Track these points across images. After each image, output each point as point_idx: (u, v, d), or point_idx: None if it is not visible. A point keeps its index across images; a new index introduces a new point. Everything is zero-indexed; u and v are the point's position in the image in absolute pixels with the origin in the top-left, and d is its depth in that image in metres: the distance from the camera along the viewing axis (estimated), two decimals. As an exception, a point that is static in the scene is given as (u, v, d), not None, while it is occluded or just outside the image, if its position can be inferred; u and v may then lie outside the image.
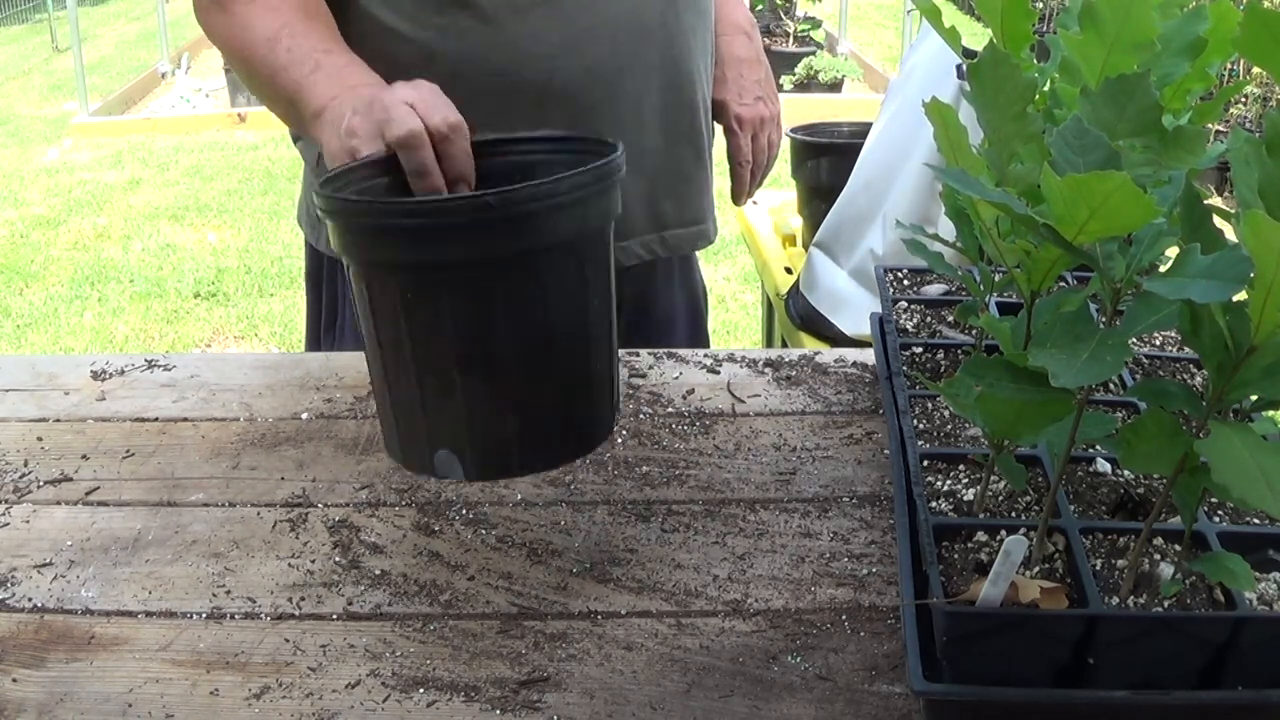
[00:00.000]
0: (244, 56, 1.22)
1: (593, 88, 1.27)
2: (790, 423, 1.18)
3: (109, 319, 4.39)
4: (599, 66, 1.27)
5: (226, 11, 1.23)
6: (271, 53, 1.18)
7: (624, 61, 1.28)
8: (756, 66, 1.48)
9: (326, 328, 1.46)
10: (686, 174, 1.39)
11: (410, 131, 0.98)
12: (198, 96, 7.71)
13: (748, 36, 1.50)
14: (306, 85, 1.14)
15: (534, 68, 1.25)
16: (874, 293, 1.56)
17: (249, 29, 1.21)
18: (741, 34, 1.49)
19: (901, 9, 7.88)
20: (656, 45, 1.30)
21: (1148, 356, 1.09)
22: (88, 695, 0.82)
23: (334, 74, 1.14)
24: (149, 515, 1.03)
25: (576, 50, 1.25)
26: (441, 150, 0.99)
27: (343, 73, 1.14)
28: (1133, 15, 0.74)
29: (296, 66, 1.16)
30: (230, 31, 1.23)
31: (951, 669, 0.74)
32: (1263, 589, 0.76)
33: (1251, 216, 0.55)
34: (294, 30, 1.19)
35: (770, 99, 1.48)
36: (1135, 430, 0.70)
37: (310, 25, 1.20)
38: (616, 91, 1.29)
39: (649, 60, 1.30)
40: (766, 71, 1.50)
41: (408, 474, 1.08)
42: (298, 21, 1.20)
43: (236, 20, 1.22)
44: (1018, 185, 0.74)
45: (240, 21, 1.22)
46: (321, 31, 1.21)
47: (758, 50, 1.50)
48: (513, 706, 0.81)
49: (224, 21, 1.23)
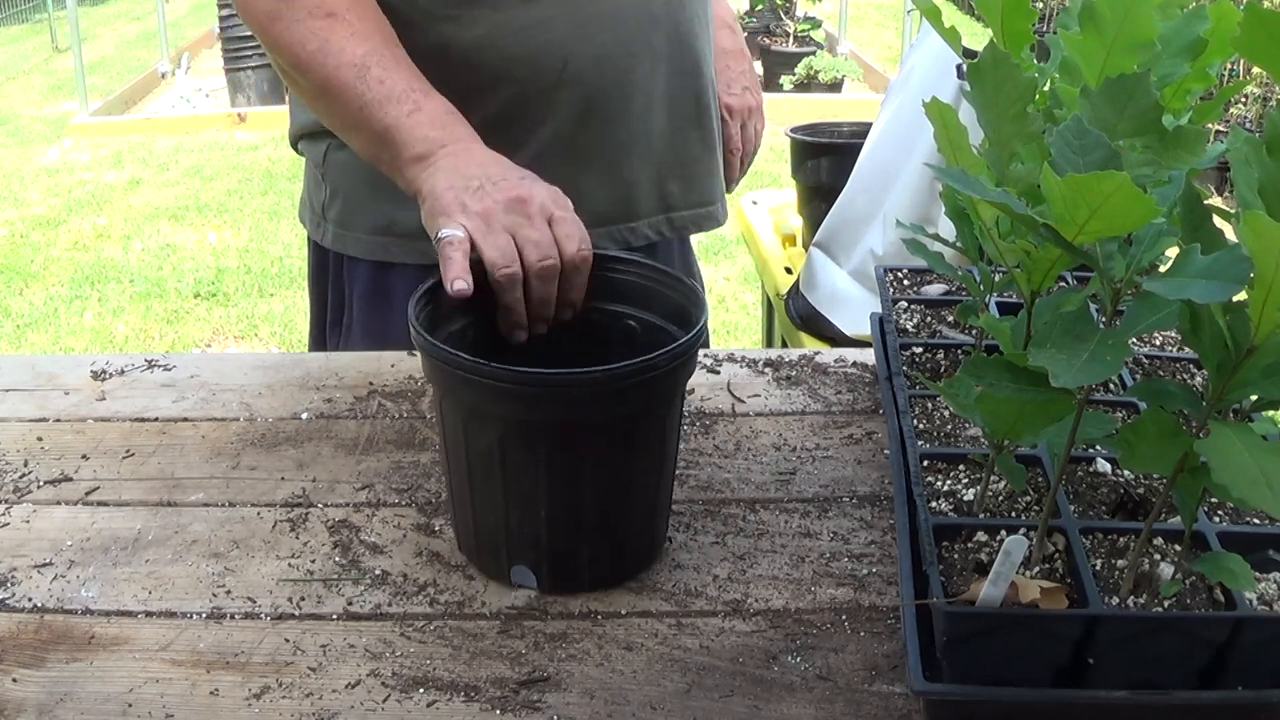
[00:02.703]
0: (323, 77, 1.16)
1: (603, 74, 1.28)
2: (790, 423, 1.18)
3: (109, 319, 4.39)
4: (610, 52, 1.28)
5: (300, 25, 1.16)
6: (361, 80, 1.13)
7: (634, 47, 1.29)
8: (742, 58, 1.55)
9: (332, 325, 1.46)
10: (694, 156, 1.41)
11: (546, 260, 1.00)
12: (198, 96, 7.71)
13: (732, 30, 1.56)
14: (408, 126, 1.12)
15: (546, 55, 1.26)
16: (874, 293, 1.56)
17: (330, 50, 1.15)
18: (726, 28, 1.55)
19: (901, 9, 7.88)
20: (664, 30, 1.32)
21: (1148, 356, 1.09)
22: (88, 695, 0.82)
23: (438, 120, 1.13)
24: (149, 515, 1.03)
25: (587, 37, 1.26)
26: (566, 280, 1.02)
27: (447, 121, 1.13)
28: (1133, 15, 0.74)
29: (394, 103, 1.13)
30: (306, 48, 1.16)
31: (951, 669, 0.74)
32: (1263, 589, 0.76)
33: (1251, 216, 0.55)
34: (384, 60, 1.14)
35: (754, 90, 1.55)
36: (1135, 430, 0.70)
37: (398, 57, 1.16)
38: (627, 77, 1.30)
39: (657, 45, 1.31)
40: (750, 64, 1.57)
41: (408, 474, 1.09)
42: (385, 50, 1.15)
43: (314, 36, 1.16)
44: (1018, 185, 0.74)
45: (319, 37, 1.15)
46: (410, 66, 1.17)
47: (741, 43, 1.57)
48: (513, 706, 0.81)
49: (295, 36, 1.16)
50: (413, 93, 1.14)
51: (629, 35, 1.29)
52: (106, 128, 7.06)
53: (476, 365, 0.84)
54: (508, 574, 0.92)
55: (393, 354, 1.31)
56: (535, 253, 1.00)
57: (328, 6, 1.16)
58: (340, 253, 1.39)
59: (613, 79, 1.29)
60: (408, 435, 1.15)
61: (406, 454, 1.12)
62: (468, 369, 0.85)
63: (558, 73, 1.26)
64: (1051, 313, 0.76)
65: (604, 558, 0.93)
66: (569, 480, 0.89)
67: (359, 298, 1.39)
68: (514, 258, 1.00)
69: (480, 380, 0.85)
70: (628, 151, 1.33)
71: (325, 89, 1.17)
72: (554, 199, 1.06)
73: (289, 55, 1.19)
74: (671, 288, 1.00)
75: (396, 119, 1.13)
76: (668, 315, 0.99)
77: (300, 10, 1.16)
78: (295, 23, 1.17)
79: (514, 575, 0.92)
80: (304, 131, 1.40)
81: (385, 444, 1.14)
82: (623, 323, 1.02)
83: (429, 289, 0.96)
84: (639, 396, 0.88)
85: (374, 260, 1.35)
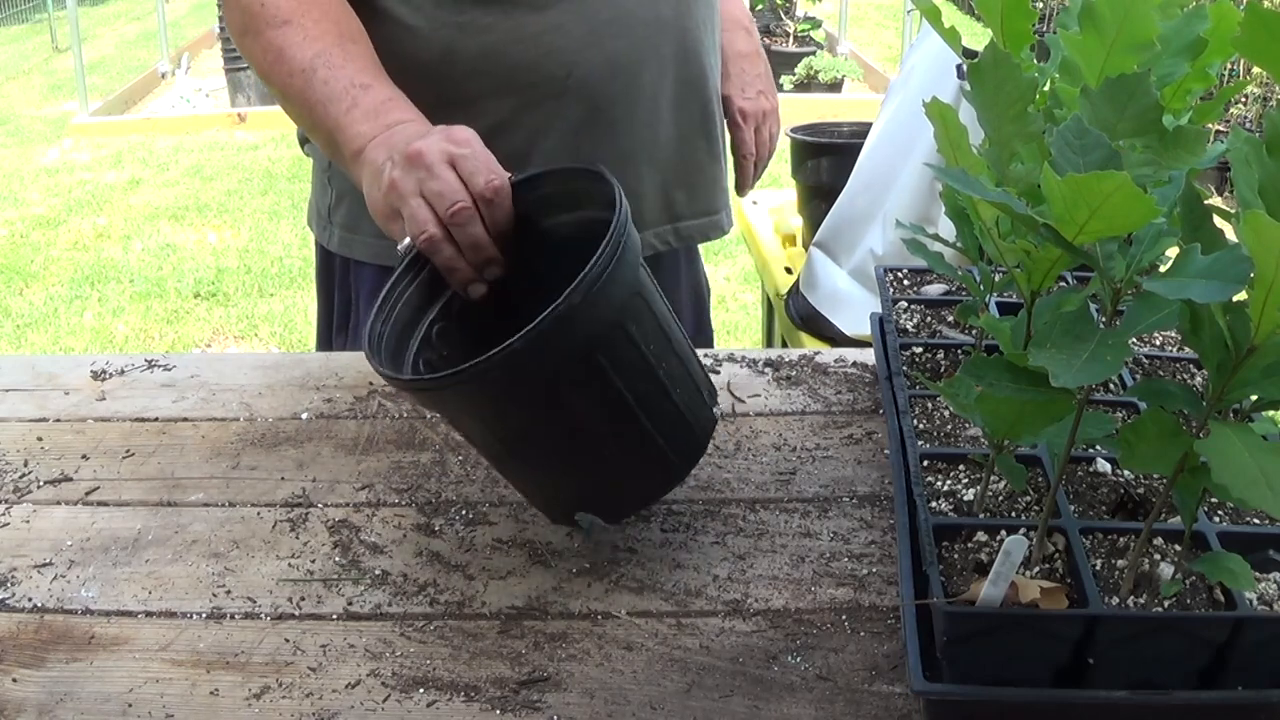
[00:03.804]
0: (281, 86, 1.16)
1: (611, 81, 1.27)
2: (790, 423, 1.18)
3: (109, 319, 4.39)
4: (617, 60, 1.27)
5: (260, 37, 1.16)
6: (308, 85, 1.13)
7: (641, 54, 1.28)
8: (757, 61, 1.51)
9: (339, 328, 1.46)
10: (699, 164, 1.40)
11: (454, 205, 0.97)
12: (198, 96, 7.71)
13: (747, 32, 1.53)
14: (344, 124, 1.10)
15: (553, 62, 1.25)
16: (874, 293, 1.56)
17: (284, 59, 1.15)
18: (741, 29, 1.52)
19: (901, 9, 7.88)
20: (672, 38, 1.31)
21: (1148, 356, 1.09)
22: (88, 695, 0.82)
23: (371, 112, 1.10)
24: (149, 515, 1.03)
25: (596, 44, 1.25)
26: (488, 215, 0.98)
27: (380, 110, 1.10)
28: (1133, 15, 0.74)
29: (334, 102, 1.11)
30: (265, 59, 1.16)
31: (951, 669, 0.74)
32: (1263, 589, 0.76)
33: (1251, 216, 0.55)
34: (330, 61, 1.13)
35: (769, 93, 1.52)
36: (1135, 430, 0.70)
37: (347, 54, 1.15)
38: (634, 84, 1.29)
39: (665, 53, 1.30)
40: (765, 66, 1.53)
41: (408, 474, 1.09)
42: (334, 50, 1.14)
43: (271, 47, 1.16)
44: (1018, 185, 0.74)
45: (274, 48, 1.15)
46: (360, 60, 1.15)
47: (757, 45, 1.54)
48: (513, 706, 0.81)
49: (258, 48, 1.17)
50: (352, 89, 1.12)
51: (637, 42, 1.28)
52: (106, 128, 7.06)
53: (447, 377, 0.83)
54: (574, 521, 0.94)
55: (393, 354, 1.31)
56: (442, 203, 0.98)
57: (283, 14, 1.16)
58: (346, 256, 1.39)
59: (619, 87, 1.28)
60: (408, 435, 1.15)
61: (406, 454, 1.12)
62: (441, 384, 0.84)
63: (562, 81, 1.25)
64: (1051, 313, 0.76)
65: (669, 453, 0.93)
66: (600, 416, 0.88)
67: (365, 301, 1.39)
68: (426, 220, 0.98)
69: (460, 386, 0.84)
70: (633, 160, 1.32)
71: (284, 97, 1.17)
72: (451, 139, 1.02)
73: (257, 67, 1.19)
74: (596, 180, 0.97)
75: (336, 118, 1.11)
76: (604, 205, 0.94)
77: (260, 23, 1.16)
78: (257, 35, 1.17)
79: (580, 521, 0.94)
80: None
81: (385, 444, 1.14)
82: (566, 231, 0.99)
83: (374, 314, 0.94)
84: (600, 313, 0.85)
85: (379, 264, 1.35)
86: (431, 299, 1.00)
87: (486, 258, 0.99)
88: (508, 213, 1.00)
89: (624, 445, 0.91)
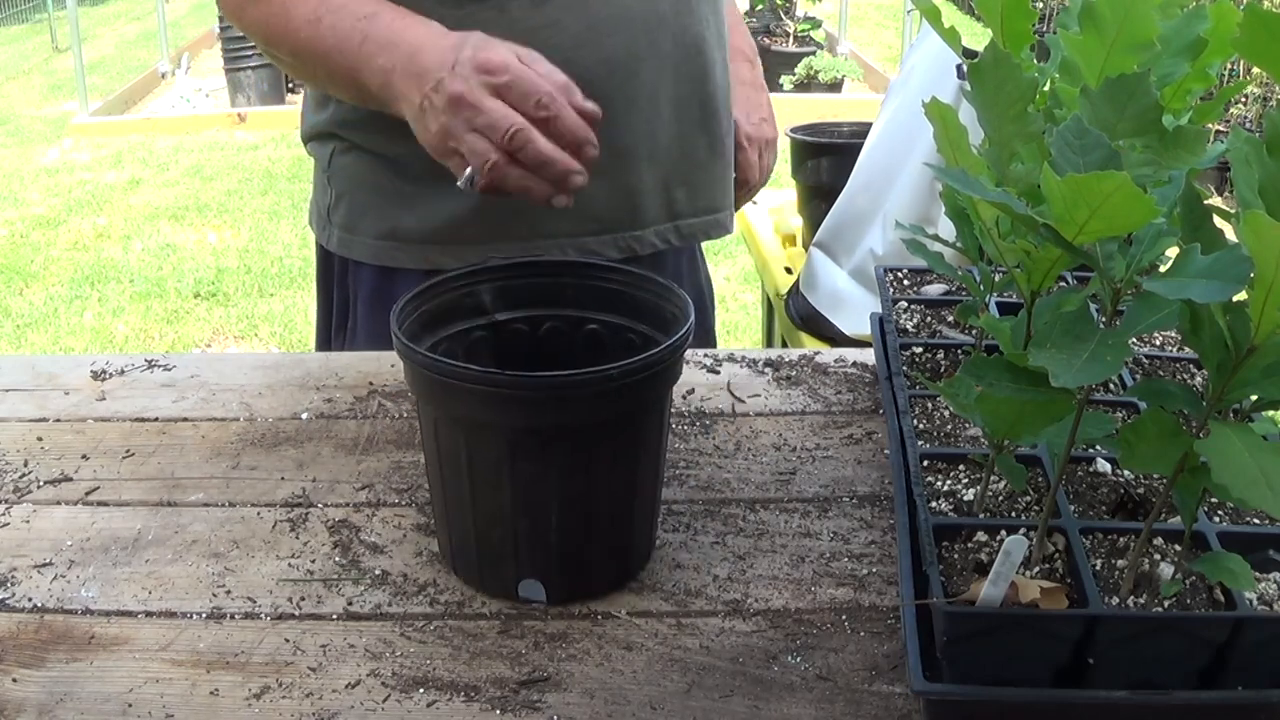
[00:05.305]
0: (291, 48, 1.15)
1: (610, 78, 1.27)
2: (790, 423, 1.18)
3: (109, 319, 4.39)
4: (616, 56, 1.27)
5: (262, 2, 1.16)
6: (316, 35, 1.11)
7: (640, 51, 1.28)
8: (761, 92, 1.56)
9: (337, 329, 1.46)
10: (700, 162, 1.39)
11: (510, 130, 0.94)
12: (198, 96, 7.72)
13: (751, 64, 1.56)
14: (360, 64, 1.08)
15: (551, 58, 1.24)
16: (874, 293, 1.56)
17: (289, 16, 1.14)
18: (746, 60, 1.54)
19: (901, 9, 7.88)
20: (671, 35, 1.30)
21: (1148, 356, 1.09)
22: (88, 695, 0.82)
23: (384, 43, 1.07)
24: (149, 515, 1.03)
25: (595, 41, 1.25)
26: (551, 130, 0.96)
27: (392, 37, 1.08)
28: (1133, 15, 0.74)
29: (345, 44, 1.09)
30: (271, 23, 1.16)
31: (951, 669, 0.74)
32: (1263, 589, 0.76)
33: (1251, 216, 0.55)
34: (331, 4, 1.12)
35: (771, 123, 1.55)
36: (1135, 430, 0.70)
37: None
38: (633, 81, 1.29)
39: (664, 49, 1.30)
40: (768, 98, 1.58)
41: (408, 474, 1.08)
42: None
43: (275, 8, 1.15)
44: (1018, 185, 0.74)
45: (278, 9, 1.15)
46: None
47: (759, 77, 1.58)
48: (513, 706, 0.81)
49: (261, 13, 1.17)
50: (359, 23, 1.11)
51: (636, 39, 1.27)
52: (106, 128, 7.06)
53: (488, 375, 0.83)
54: (514, 588, 0.91)
55: (393, 354, 1.31)
56: (496, 133, 0.96)
57: None
58: (345, 257, 1.39)
59: (617, 83, 1.27)
60: (408, 435, 1.15)
61: (406, 454, 1.12)
62: (475, 379, 0.83)
63: None
64: (1051, 313, 0.76)
65: (612, 560, 0.93)
66: (579, 484, 0.88)
67: (364, 302, 1.39)
68: (485, 149, 0.97)
69: (488, 389, 0.83)
70: (632, 157, 1.31)
71: (296, 56, 1.16)
72: (486, 70, 1.01)
73: (260, 34, 1.19)
74: (663, 297, 0.98)
75: (355, 61, 1.10)
76: (659, 324, 0.97)
77: None
78: (256, 4, 1.17)
79: (521, 590, 0.91)
80: (313, 133, 1.40)
81: (385, 444, 1.14)
82: (624, 335, 1.00)
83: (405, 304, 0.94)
84: (643, 393, 0.88)
85: (378, 265, 1.35)
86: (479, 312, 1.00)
87: (560, 171, 0.98)
88: (572, 121, 0.98)
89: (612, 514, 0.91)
